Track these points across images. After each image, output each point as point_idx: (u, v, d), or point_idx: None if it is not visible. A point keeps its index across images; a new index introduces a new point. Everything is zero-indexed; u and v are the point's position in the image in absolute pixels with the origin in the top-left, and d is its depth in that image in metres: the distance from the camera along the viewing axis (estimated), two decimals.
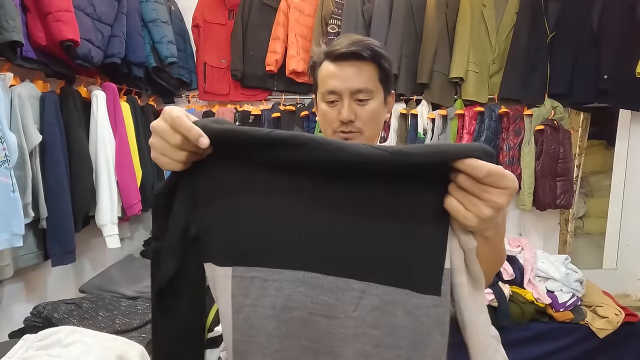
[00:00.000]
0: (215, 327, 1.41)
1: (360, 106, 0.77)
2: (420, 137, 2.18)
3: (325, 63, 0.78)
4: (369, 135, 0.80)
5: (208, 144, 0.44)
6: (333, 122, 0.78)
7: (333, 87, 0.76)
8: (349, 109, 0.76)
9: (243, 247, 0.47)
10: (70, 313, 1.12)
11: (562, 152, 2.08)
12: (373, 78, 0.77)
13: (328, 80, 0.77)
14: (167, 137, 0.45)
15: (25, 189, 1.21)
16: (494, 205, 0.42)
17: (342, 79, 0.76)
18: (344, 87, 0.76)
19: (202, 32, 2.25)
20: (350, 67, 0.75)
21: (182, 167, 0.47)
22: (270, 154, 0.45)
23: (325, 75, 0.78)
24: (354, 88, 0.76)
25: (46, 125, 1.30)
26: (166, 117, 0.45)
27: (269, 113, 2.23)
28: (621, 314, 1.75)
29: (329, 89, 0.77)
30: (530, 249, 1.96)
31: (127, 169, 1.61)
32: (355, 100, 0.77)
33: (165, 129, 0.45)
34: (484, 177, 0.41)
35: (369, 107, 0.77)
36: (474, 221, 0.42)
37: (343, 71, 0.76)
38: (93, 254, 1.75)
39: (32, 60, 1.26)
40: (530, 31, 2.09)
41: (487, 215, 0.42)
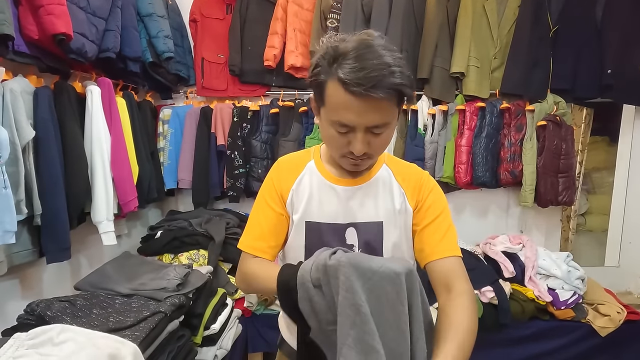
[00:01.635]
0: (212, 325, 1.40)
1: (375, 137, 0.70)
2: (420, 133, 2.15)
3: (337, 86, 0.65)
4: (377, 157, 0.79)
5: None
6: (342, 148, 0.72)
7: (347, 121, 0.67)
8: (363, 143, 0.69)
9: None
10: (64, 311, 1.11)
11: (565, 148, 2.05)
12: (392, 108, 0.68)
13: (340, 111, 0.67)
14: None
15: (18, 186, 1.19)
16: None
17: (357, 114, 0.66)
18: (359, 122, 0.67)
19: (199, 27, 2.22)
20: (369, 102, 0.64)
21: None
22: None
23: (336, 103, 0.67)
24: (371, 124, 0.67)
25: (40, 121, 1.28)
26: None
27: (267, 109, 2.20)
28: (623, 312, 1.73)
29: (341, 121, 0.67)
30: (531, 246, 1.94)
31: (123, 165, 1.59)
32: (369, 132, 0.69)
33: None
34: None
35: (382, 137, 0.71)
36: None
37: (358, 106, 0.65)
38: (89, 251, 1.74)
39: (24, 55, 1.24)
40: (533, 25, 2.06)
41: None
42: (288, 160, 0.89)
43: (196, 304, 1.38)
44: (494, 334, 1.72)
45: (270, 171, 0.88)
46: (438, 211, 0.80)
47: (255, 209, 0.86)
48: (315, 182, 0.83)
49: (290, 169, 0.86)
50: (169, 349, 1.17)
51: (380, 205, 0.81)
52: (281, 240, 0.85)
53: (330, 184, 0.82)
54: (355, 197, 0.81)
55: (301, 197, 0.82)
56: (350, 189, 0.81)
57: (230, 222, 1.96)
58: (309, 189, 0.82)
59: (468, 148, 2.10)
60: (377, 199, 0.81)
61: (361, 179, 0.82)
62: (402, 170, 0.85)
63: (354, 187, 0.81)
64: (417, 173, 0.85)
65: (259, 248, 0.83)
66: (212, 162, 2.15)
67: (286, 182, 0.84)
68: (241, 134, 2.17)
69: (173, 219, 2.00)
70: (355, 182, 0.82)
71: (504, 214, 2.36)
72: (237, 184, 2.15)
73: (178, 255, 1.81)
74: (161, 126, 2.21)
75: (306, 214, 0.81)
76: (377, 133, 0.69)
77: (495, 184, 2.13)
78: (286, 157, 0.90)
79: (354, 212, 0.80)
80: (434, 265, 0.76)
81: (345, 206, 0.81)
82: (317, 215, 0.81)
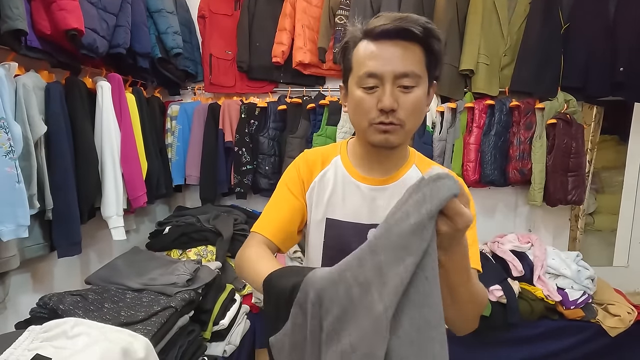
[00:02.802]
0: (221, 321, 1.41)
1: (404, 94, 0.66)
2: (428, 131, 2.14)
3: (364, 43, 0.67)
4: (411, 128, 0.70)
5: None
6: (370, 111, 0.67)
7: (374, 69, 0.65)
8: (392, 96, 0.65)
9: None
10: (76, 304, 1.11)
11: (575, 146, 2.03)
12: (421, 62, 0.66)
13: (367, 62, 0.66)
14: None
15: (30, 180, 1.20)
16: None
17: (385, 61, 0.65)
18: (387, 69, 0.65)
19: (207, 23, 2.22)
20: (395, 47, 0.64)
21: None
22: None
23: (363, 56, 0.67)
24: (399, 72, 0.64)
25: (51, 116, 1.29)
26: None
27: (275, 105, 2.20)
28: (634, 312, 1.72)
29: (368, 71, 0.66)
30: (540, 245, 1.93)
31: (132, 160, 1.60)
32: (399, 86, 0.66)
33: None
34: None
35: (413, 96, 0.66)
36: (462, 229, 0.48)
37: (387, 51, 0.65)
38: (99, 246, 1.75)
39: (36, 50, 1.24)
40: (544, 22, 2.03)
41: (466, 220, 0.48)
42: (314, 153, 0.86)
43: (205, 299, 1.38)
44: (503, 333, 1.71)
45: (296, 159, 0.85)
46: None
47: (274, 195, 0.83)
48: (339, 178, 0.79)
49: (316, 161, 0.82)
50: (180, 344, 1.17)
51: None
52: (294, 228, 0.80)
53: (355, 181, 0.78)
54: (381, 198, 0.76)
55: (323, 191, 0.79)
56: (376, 188, 0.77)
57: (238, 219, 1.96)
58: (332, 184, 0.79)
59: (477, 146, 2.08)
60: None
61: (389, 178, 0.77)
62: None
63: (381, 186, 0.77)
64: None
65: (268, 230, 0.78)
66: (219, 159, 2.16)
67: (310, 173, 0.81)
68: (249, 130, 2.17)
69: (181, 214, 2.01)
70: (382, 181, 0.77)
71: (512, 212, 2.35)
72: (244, 180, 2.15)
73: (186, 251, 1.82)
74: (169, 122, 2.21)
75: (327, 211, 0.78)
76: (406, 88, 0.66)
77: (503, 182, 2.11)
78: (313, 149, 0.88)
79: (380, 213, 0.75)
80: None
81: (370, 206, 0.76)
82: (339, 212, 0.78)
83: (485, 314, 1.65)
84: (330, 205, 0.78)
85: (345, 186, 0.78)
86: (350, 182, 0.78)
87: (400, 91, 0.67)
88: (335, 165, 0.81)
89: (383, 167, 0.78)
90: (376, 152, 0.76)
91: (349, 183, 0.78)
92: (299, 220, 0.81)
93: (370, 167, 0.78)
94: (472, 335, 1.81)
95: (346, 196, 0.78)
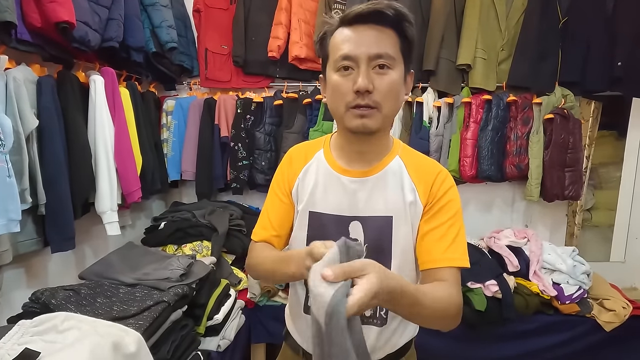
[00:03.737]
0: (215, 316, 1.40)
1: (379, 75, 0.67)
2: (425, 126, 2.13)
3: (339, 30, 0.69)
4: (387, 112, 0.70)
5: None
6: (346, 94, 0.68)
7: (348, 51, 0.67)
8: (367, 77, 0.66)
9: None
10: (68, 299, 1.11)
11: (572, 142, 2.03)
12: (395, 45, 0.68)
13: (342, 45, 0.68)
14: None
15: (22, 175, 1.19)
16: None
17: (359, 43, 0.66)
18: (361, 51, 0.66)
19: (203, 17, 2.20)
20: (370, 30, 0.67)
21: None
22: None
23: (339, 41, 0.69)
24: (373, 53, 0.66)
25: (43, 110, 1.28)
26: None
27: (271, 100, 2.19)
28: (629, 307, 1.72)
29: (343, 53, 0.67)
30: (536, 241, 1.93)
31: (126, 155, 1.59)
32: (374, 68, 0.67)
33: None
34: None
35: (388, 78, 0.67)
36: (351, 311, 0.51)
37: (361, 34, 0.67)
38: (94, 241, 1.75)
39: (27, 43, 1.23)
40: (542, 16, 2.01)
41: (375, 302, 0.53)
42: (299, 149, 0.88)
43: (199, 294, 1.38)
44: (498, 327, 1.71)
45: (282, 160, 0.88)
46: (448, 215, 0.74)
47: (266, 199, 0.88)
48: (321, 171, 0.80)
49: (300, 157, 0.84)
50: (172, 338, 1.17)
51: (390, 199, 0.75)
52: (288, 229, 0.85)
53: (337, 174, 0.78)
54: (363, 190, 0.76)
55: (306, 186, 0.81)
56: (357, 180, 0.77)
57: (234, 214, 1.96)
58: (314, 178, 0.80)
59: (473, 141, 2.07)
60: (387, 193, 0.76)
61: (370, 170, 0.77)
62: (416, 163, 0.79)
63: (362, 178, 0.77)
64: (432, 169, 0.78)
65: (264, 236, 0.84)
66: (215, 154, 2.15)
67: (294, 171, 0.83)
68: (245, 125, 2.16)
69: (176, 210, 2.00)
70: (364, 173, 0.77)
71: (509, 208, 2.34)
72: (240, 176, 2.14)
73: (181, 246, 1.82)
74: (165, 117, 2.20)
75: (309, 204, 0.79)
76: (381, 70, 0.67)
77: (500, 177, 2.11)
78: (298, 145, 0.89)
79: (361, 205, 0.76)
80: (431, 273, 0.72)
81: (352, 198, 0.77)
82: (320, 205, 0.79)
83: (481, 309, 1.65)
84: (312, 199, 0.80)
85: (327, 179, 0.79)
86: (332, 175, 0.79)
87: (376, 72, 0.67)
88: (317, 159, 0.82)
89: (364, 158, 0.78)
90: (356, 140, 0.76)
91: (331, 176, 0.79)
92: (290, 221, 0.84)
93: (351, 158, 0.79)
94: (467, 330, 1.82)
95: (328, 189, 0.79)
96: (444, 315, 0.66)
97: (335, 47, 0.70)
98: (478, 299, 1.67)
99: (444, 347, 1.73)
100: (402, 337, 0.82)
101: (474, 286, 1.72)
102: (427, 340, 0.94)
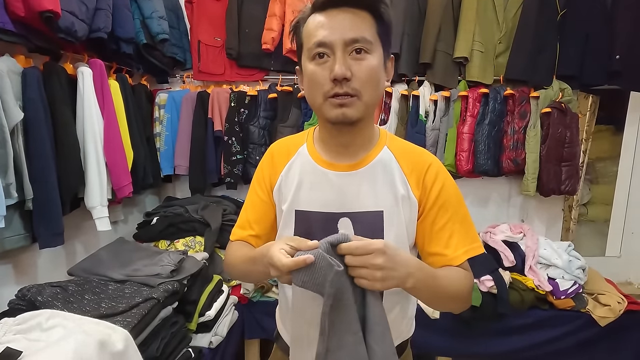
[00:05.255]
0: (207, 312, 1.39)
1: (357, 61, 0.63)
2: (421, 120, 2.11)
3: (312, 16, 0.66)
4: (368, 100, 0.66)
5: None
6: (324, 84, 0.64)
7: (323, 37, 0.63)
8: (344, 64, 0.62)
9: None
10: (55, 296, 1.09)
11: (569, 136, 2.01)
12: (371, 28, 0.64)
13: (316, 32, 0.64)
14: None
15: (6, 169, 1.16)
16: (376, 267, 0.56)
17: (333, 28, 0.63)
18: (335, 37, 0.62)
19: (195, 8, 2.16)
20: (344, 14, 0.63)
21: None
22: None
23: (311, 28, 0.65)
24: (348, 38, 0.62)
25: (28, 102, 1.24)
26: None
27: (265, 94, 2.15)
28: (624, 302, 1.71)
29: (317, 40, 0.63)
30: (532, 236, 1.92)
31: (116, 149, 1.56)
32: (351, 53, 0.63)
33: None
34: (355, 251, 0.56)
35: (366, 63, 0.64)
36: (377, 285, 0.57)
37: (334, 19, 0.63)
38: (85, 237, 1.72)
39: (10, 33, 1.19)
40: (540, 8, 1.98)
41: (379, 277, 0.56)
42: (280, 145, 0.84)
43: (191, 290, 1.36)
44: (493, 323, 1.70)
45: (263, 157, 0.84)
46: (451, 210, 0.72)
47: (246, 197, 0.85)
48: (306, 167, 0.76)
49: (282, 154, 0.80)
50: (162, 335, 1.15)
51: (380, 193, 0.72)
52: (266, 229, 0.82)
53: (322, 169, 0.74)
54: (351, 184, 0.73)
55: (290, 184, 0.76)
56: (345, 174, 0.73)
57: (227, 209, 1.93)
58: (299, 175, 0.76)
59: (470, 135, 2.05)
60: (376, 186, 0.72)
61: (358, 163, 0.73)
62: (406, 154, 0.76)
63: (350, 172, 0.73)
64: (423, 159, 0.75)
65: (241, 236, 0.81)
66: (209, 148, 2.12)
67: (275, 169, 0.79)
68: (239, 119, 2.12)
69: (169, 205, 1.98)
70: (351, 167, 0.73)
71: (506, 203, 2.33)
72: (234, 170, 2.11)
73: (174, 241, 1.79)
74: (157, 111, 2.16)
75: (295, 203, 0.75)
76: (358, 55, 0.63)
77: (497, 172, 2.09)
78: (280, 141, 0.85)
79: (350, 201, 0.72)
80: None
81: (339, 194, 0.73)
82: (306, 203, 0.74)
83: (476, 304, 1.64)
84: (297, 197, 0.76)
85: (313, 175, 0.75)
86: (317, 171, 0.75)
87: (353, 58, 0.64)
88: (301, 154, 0.78)
89: (350, 151, 0.74)
90: (338, 132, 0.72)
91: (316, 171, 0.75)
92: (270, 220, 0.82)
93: (336, 151, 0.75)
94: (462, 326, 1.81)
95: (314, 186, 0.75)
96: (458, 296, 0.70)
97: (308, 34, 0.66)
98: (473, 294, 1.66)
99: (439, 343, 1.72)
100: (398, 337, 0.80)
101: None
102: (421, 335, 0.92)
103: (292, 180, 0.77)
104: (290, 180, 0.77)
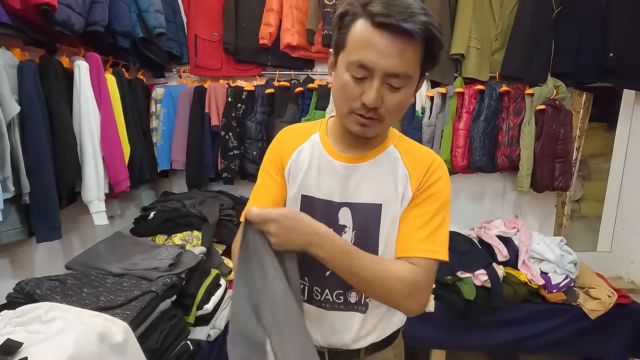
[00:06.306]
0: (205, 305, 1.40)
1: (391, 92, 0.65)
2: (418, 116, 2.12)
3: (362, 23, 0.63)
4: (389, 123, 0.71)
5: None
6: (354, 100, 0.66)
7: (367, 61, 0.62)
8: (378, 93, 0.63)
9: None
10: (54, 289, 1.09)
11: (563, 133, 2.03)
12: (416, 62, 0.64)
13: (361, 49, 0.62)
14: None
15: (3, 163, 1.15)
16: (270, 234, 0.67)
17: (379, 54, 0.61)
18: (379, 65, 0.62)
19: (192, 3, 2.15)
20: (395, 41, 0.61)
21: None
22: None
23: (360, 40, 0.63)
24: (391, 72, 0.62)
25: (25, 96, 1.24)
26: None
27: (262, 89, 2.15)
28: (614, 296, 1.75)
29: (360, 60, 0.62)
30: (525, 231, 1.95)
31: (113, 144, 1.56)
32: (387, 83, 0.64)
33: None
34: (254, 219, 0.68)
35: (398, 96, 0.65)
36: (276, 247, 0.68)
37: (385, 44, 0.61)
38: (82, 231, 1.72)
39: (6, 26, 1.18)
40: (536, 6, 2.00)
41: (274, 242, 0.67)
42: (293, 129, 0.86)
43: (189, 284, 1.37)
44: (487, 316, 1.73)
45: (274, 139, 0.86)
46: (434, 205, 0.73)
47: (258, 179, 0.85)
48: (315, 154, 0.79)
49: (294, 137, 0.82)
50: (161, 328, 1.16)
51: (382, 187, 0.75)
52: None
53: (331, 158, 0.77)
54: (354, 176, 0.76)
55: (299, 168, 0.79)
56: (350, 166, 0.76)
57: (225, 204, 1.94)
58: (308, 161, 0.79)
59: (466, 132, 2.07)
60: (379, 180, 0.75)
61: (364, 156, 0.76)
62: (412, 152, 0.78)
63: (355, 164, 0.76)
64: (427, 158, 0.77)
65: None
66: (205, 143, 2.12)
67: (287, 150, 0.81)
68: (236, 114, 2.12)
69: (166, 200, 1.98)
70: (357, 159, 0.76)
71: (500, 198, 2.36)
72: (231, 165, 2.12)
73: (171, 236, 1.80)
74: (154, 106, 2.16)
75: (302, 187, 0.78)
76: (394, 87, 0.64)
77: (492, 168, 2.11)
78: (292, 126, 0.87)
79: (351, 192, 0.76)
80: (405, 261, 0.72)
81: (343, 184, 0.76)
82: (313, 189, 0.78)
83: (470, 298, 1.67)
84: (305, 182, 0.78)
85: (321, 163, 0.78)
86: (325, 160, 0.78)
87: (388, 89, 0.65)
88: (312, 142, 0.81)
89: (360, 146, 0.78)
90: (353, 135, 0.75)
91: (325, 160, 0.78)
92: (283, 201, 0.82)
93: (347, 145, 0.78)
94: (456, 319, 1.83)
95: (321, 173, 0.78)
96: (382, 283, 0.68)
97: (354, 43, 0.64)
98: (467, 288, 1.69)
99: (432, 335, 1.75)
100: (388, 325, 0.82)
101: (464, 275, 1.74)
102: (415, 328, 0.94)
103: (302, 164, 0.79)
104: (300, 165, 0.79)
